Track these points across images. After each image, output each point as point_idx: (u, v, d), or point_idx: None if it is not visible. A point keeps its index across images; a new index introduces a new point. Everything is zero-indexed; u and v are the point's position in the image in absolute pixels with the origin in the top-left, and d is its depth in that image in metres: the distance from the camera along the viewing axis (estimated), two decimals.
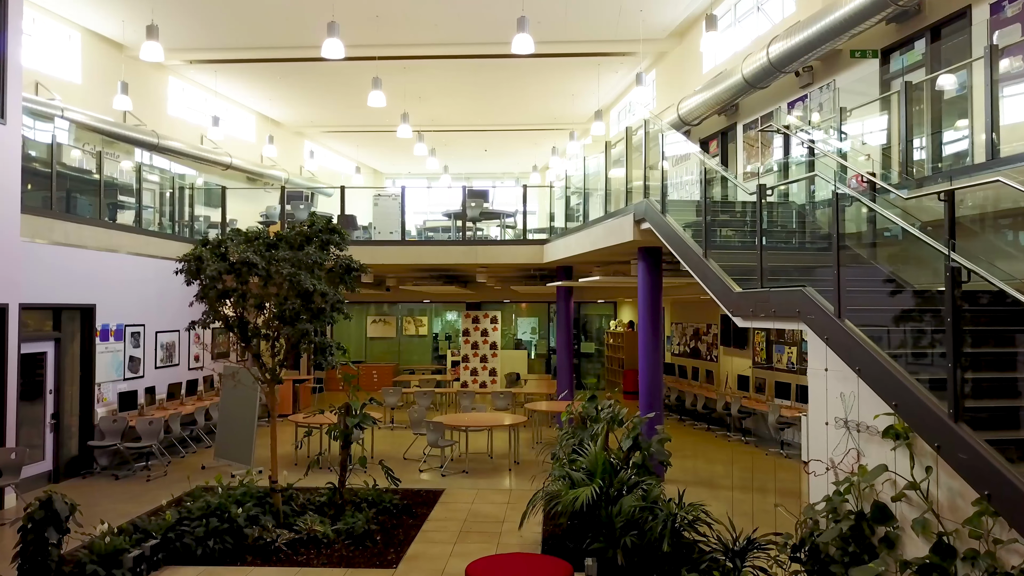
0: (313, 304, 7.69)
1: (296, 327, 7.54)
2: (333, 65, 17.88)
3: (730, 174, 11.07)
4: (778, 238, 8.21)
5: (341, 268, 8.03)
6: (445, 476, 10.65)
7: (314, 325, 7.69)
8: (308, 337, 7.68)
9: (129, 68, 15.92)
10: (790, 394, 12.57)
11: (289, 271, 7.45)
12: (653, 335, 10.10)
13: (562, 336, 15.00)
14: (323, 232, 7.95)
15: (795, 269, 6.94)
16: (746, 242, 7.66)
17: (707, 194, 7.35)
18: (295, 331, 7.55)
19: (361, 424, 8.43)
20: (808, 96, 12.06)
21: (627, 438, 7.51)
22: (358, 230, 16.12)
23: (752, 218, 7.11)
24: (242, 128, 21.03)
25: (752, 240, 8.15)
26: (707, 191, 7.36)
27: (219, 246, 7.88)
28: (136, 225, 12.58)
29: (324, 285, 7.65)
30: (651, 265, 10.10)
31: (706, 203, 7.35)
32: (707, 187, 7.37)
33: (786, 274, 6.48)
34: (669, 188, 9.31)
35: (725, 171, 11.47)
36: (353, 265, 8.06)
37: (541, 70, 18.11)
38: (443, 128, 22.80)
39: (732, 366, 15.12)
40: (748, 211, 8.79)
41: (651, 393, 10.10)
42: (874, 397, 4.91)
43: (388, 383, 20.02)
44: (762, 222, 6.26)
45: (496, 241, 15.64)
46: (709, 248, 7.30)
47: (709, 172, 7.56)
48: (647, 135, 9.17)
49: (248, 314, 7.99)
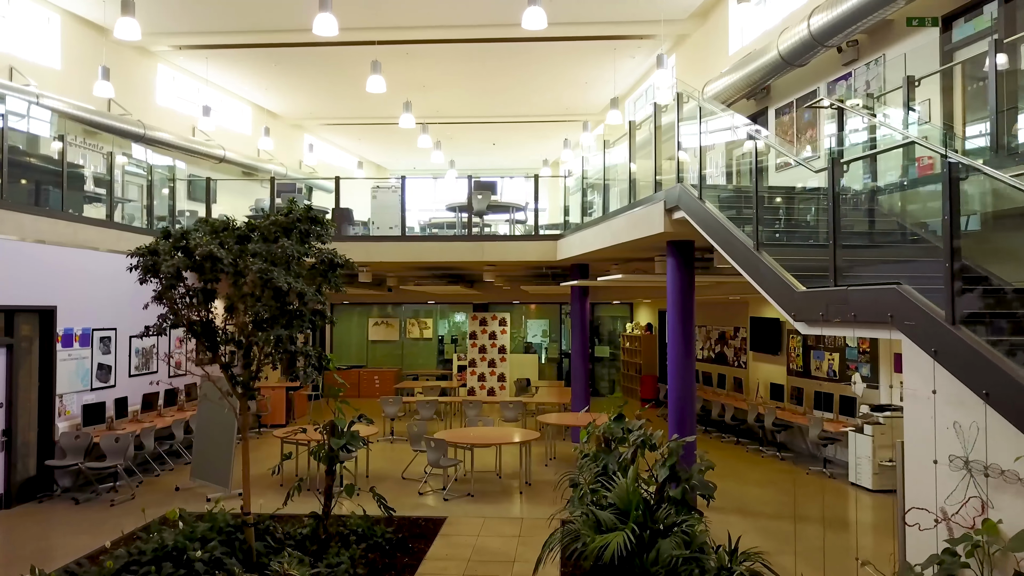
0: (290, 306, 6.51)
1: (267, 333, 6.36)
2: (330, 52, 16.75)
3: (789, 150, 9.77)
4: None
5: (324, 264, 6.84)
6: (448, 500, 9.44)
7: (291, 331, 6.51)
8: (283, 344, 6.50)
9: (113, 54, 14.79)
10: (832, 406, 11.31)
11: (260, 267, 6.27)
12: (684, 343, 8.86)
13: (577, 341, 13.76)
14: (302, 222, 6.76)
15: (863, 265, 5.72)
16: (805, 233, 6.46)
17: (758, 177, 6.13)
18: (265, 337, 6.38)
19: (348, 447, 7.24)
20: (853, 74, 10.84)
21: (662, 467, 6.29)
22: (356, 226, 14.96)
23: (815, 204, 5.90)
24: (237, 120, 19.88)
25: (814, 231, 6.94)
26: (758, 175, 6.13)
27: (182, 238, 6.73)
28: (109, 219, 11.38)
29: (302, 284, 6.46)
30: (682, 261, 8.87)
31: (758, 185, 6.12)
32: (758, 170, 6.15)
33: (852, 271, 5.26)
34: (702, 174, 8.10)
35: (786, 149, 10.11)
36: (337, 260, 6.86)
37: (552, 56, 16.89)
38: (448, 120, 21.60)
39: (763, 373, 13.86)
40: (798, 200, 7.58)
41: (682, 409, 8.87)
42: (1010, 431, 3.69)
43: (390, 389, 18.84)
44: (836, 204, 5.03)
45: (505, 237, 14.42)
46: (762, 240, 6.08)
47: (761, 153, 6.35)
48: (681, 111, 7.94)
49: (217, 318, 6.83)
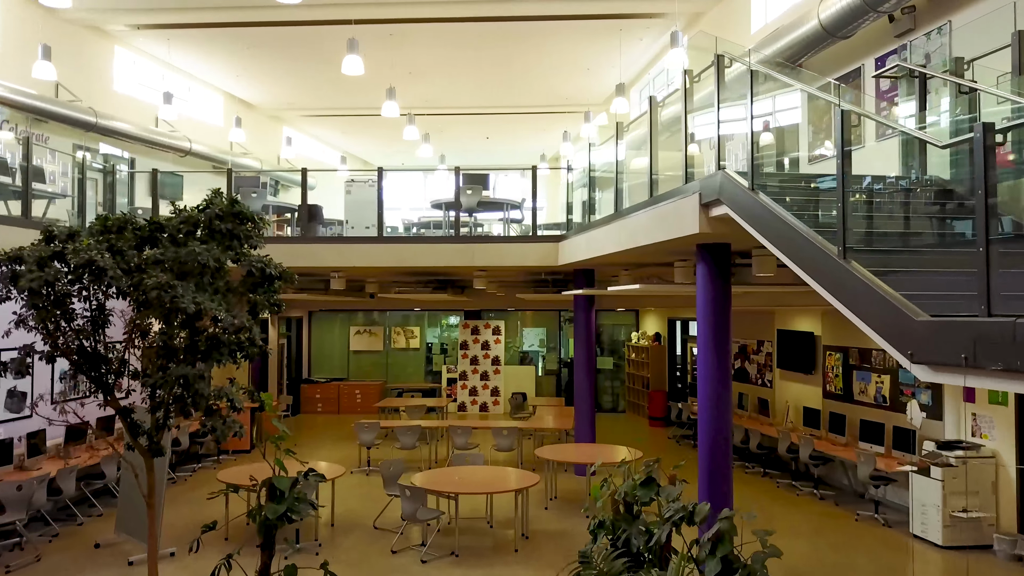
0: (201, 333, 4.80)
1: (167, 373, 4.64)
2: (306, 34, 14.97)
3: (905, 124, 7.95)
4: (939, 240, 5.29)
5: (254, 276, 5.13)
6: (427, 562, 7.71)
7: (204, 367, 4.79)
8: (194, 387, 4.77)
9: (63, 34, 13.05)
10: (882, 438, 9.62)
11: (157, 281, 4.55)
12: (719, 370, 7.14)
13: (582, 356, 12.04)
14: (224, 219, 5.03)
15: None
16: (908, 239, 4.80)
17: (844, 159, 4.43)
18: (166, 378, 4.66)
19: (290, 514, 5.52)
20: (908, 46, 9.20)
21: (710, 556, 4.60)
22: (332, 225, 13.23)
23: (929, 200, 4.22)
24: (207, 110, 18.11)
25: (914, 234, 5.25)
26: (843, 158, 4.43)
27: (69, 239, 5.02)
28: (25, 217, 9.58)
29: (218, 304, 4.74)
30: (715, 270, 7.17)
31: (844, 169, 4.42)
32: (844, 150, 4.44)
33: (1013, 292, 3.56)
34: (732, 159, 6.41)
35: (897, 123, 8.20)
36: (271, 271, 5.14)
37: (551, 38, 15.16)
38: (438, 111, 19.83)
39: (793, 394, 12.16)
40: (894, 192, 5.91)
41: (715, 449, 7.12)
42: None
43: (373, 405, 17.13)
44: (987, 192, 3.34)
45: (498, 238, 12.70)
46: (850, 245, 4.37)
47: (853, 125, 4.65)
48: (722, 78, 6.25)
49: (108, 345, 5.13)
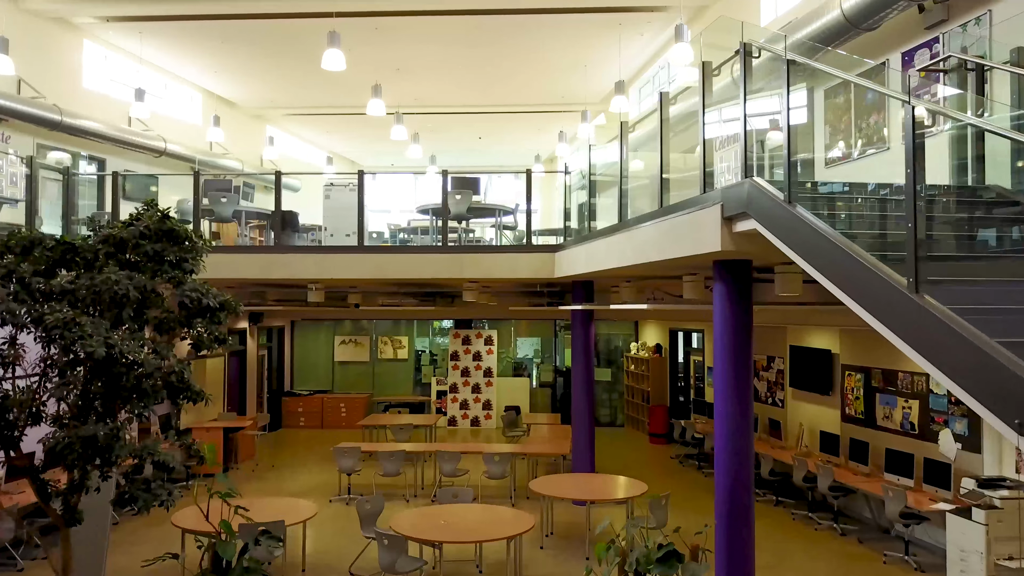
0: (124, 382, 3.89)
1: (73, 432, 3.74)
2: (287, 28, 14.04)
3: None
4: None
5: (188, 308, 4.22)
6: None
7: (116, 425, 3.88)
8: (114, 450, 3.86)
9: (26, 25, 12.13)
10: (911, 470, 8.76)
11: (58, 317, 3.64)
12: (739, 401, 6.26)
13: (579, 373, 11.15)
14: (149, 239, 4.12)
15: None
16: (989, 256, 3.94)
17: (917, 167, 3.54)
18: (69, 439, 3.75)
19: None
20: (941, 38, 8.36)
21: None
22: (310, 232, 12.32)
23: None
24: (185, 109, 17.14)
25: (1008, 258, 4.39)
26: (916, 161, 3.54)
27: None
28: None
29: (138, 343, 3.83)
30: (735, 288, 6.30)
31: (915, 184, 3.53)
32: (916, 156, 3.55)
33: None
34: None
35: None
36: (209, 301, 4.23)
37: (547, 33, 14.28)
38: (427, 109, 18.91)
39: (808, 416, 11.30)
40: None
41: (735, 488, 6.26)
42: None
43: (358, 419, 16.21)
44: None
45: (490, 248, 11.83)
46: (923, 273, 3.50)
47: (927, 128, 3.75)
48: (749, 69, 5.37)
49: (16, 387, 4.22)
